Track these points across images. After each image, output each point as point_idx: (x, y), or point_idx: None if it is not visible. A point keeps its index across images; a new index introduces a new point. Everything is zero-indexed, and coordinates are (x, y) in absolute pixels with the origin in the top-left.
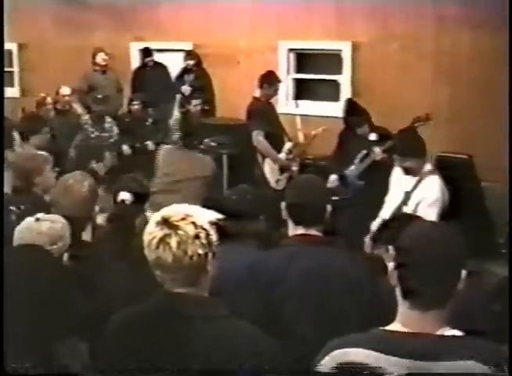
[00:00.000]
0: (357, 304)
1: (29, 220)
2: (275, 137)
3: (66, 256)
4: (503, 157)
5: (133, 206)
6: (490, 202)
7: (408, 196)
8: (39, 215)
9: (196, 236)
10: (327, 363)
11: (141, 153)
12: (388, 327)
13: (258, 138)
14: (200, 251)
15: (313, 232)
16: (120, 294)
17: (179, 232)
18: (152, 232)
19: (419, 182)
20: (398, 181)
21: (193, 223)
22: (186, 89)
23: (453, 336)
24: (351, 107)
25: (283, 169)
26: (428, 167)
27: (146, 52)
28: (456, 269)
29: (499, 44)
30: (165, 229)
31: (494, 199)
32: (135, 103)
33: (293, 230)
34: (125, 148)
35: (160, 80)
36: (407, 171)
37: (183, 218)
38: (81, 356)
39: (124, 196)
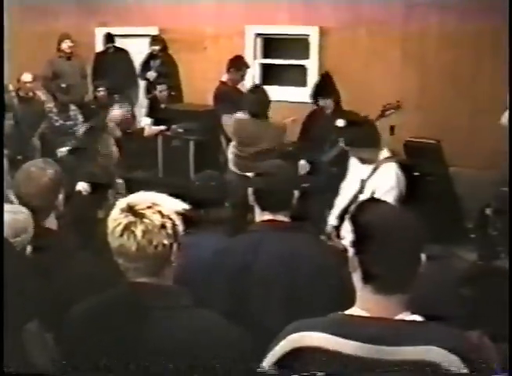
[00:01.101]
0: (325, 289)
1: None
2: None
3: (29, 248)
4: (474, 143)
5: (91, 197)
6: (459, 187)
7: (363, 184)
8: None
9: (162, 226)
10: (283, 347)
11: None
12: (347, 312)
13: (228, 121)
14: (165, 242)
15: (280, 217)
16: (83, 283)
17: (145, 220)
18: (116, 218)
19: (374, 170)
20: (355, 169)
21: (160, 212)
22: (152, 75)
23: (413, 321)
24: (323, 81)
25: None
26: (385, 154)
27: (108, 38)
28: (415, 252)
29: (467, 29)
30: (130, 216)
31: (463, 184)
32: (100, 89)
33: (260, 216)
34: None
35: (121, 65)
36: (363, 160)
37: (149, 207)
38: (46, 346)
39: (81, 186)
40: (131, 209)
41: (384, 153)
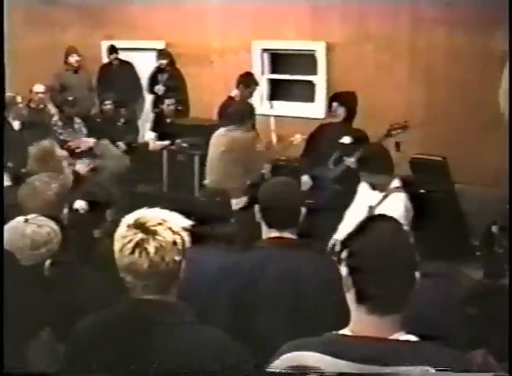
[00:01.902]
0: (330, 307)
1: (19, 219)
2: None
3: (48, 263)
4: (480, 160)
5: (88, 215)
6: (464, 204)
7: (371, 210)
8: (29, 216)
9: (174, 243)
10: (277, 366)
11: None
12: (341, 331)
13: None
14: (177, 258)
15: (287, 235)
16: (89, 298)
17: (158, 237)
18: (125, 236)
19: (384, 197)
20: (364, 195)
21: (170, 229)
22: (160, 89)
23: (408, 341)
24: (347, 93)
25: None
26: (395, 183)
27: (111, 50)
28: (409, 271)
29: (474, 44)
30: (141, 233)
31: (468, 201)
32: (107, 102)
33: (267, 233)
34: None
35: (126, 78)
36: (374, 186)
37: (160, 223)
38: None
39: (79, 204)
40: (141, 226)
41: (395, 182)
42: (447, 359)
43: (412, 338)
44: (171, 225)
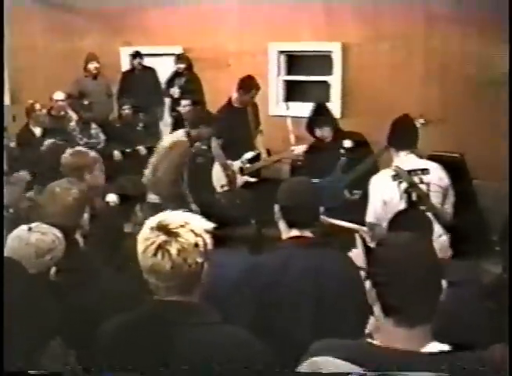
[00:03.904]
0: (352, 305)
1: (22, 228)
2: (239, 144)
3: (53, 270)
4: (497, 156)
5: (119, 208)
6: (482, 200)
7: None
8: (33, 225)
9: (196, 245)
10: (305, 369)
11: (132, 158)
12: (371, 341)
13: (213, 144)
14: (199, 260)
15: (307, 234)
16: (109, 301)
17: (180, 239)
18: (148, 238)
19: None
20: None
21: (192, 231)
22: (175, 91)
23: (440, 352)
24: (316, 111)
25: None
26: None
27: (136, 55)
28: (435, 280)
29: (488, 42)
30: (163, 235)
31: (486, 197)
32: (125, 107)
33: (287, 233)
34: (116, 153)
35: (148, 83)
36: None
37: (182, 226)
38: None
39: (110, 198)
40: (163, 228)
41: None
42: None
43: (445, 347)
44: (193, 227)
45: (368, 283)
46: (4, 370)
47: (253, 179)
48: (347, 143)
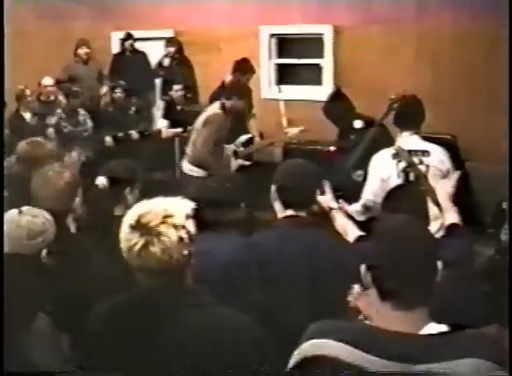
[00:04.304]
0: (346, 284)
1: (13, 211)
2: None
3: (44, 252)
4: (490, 138)
5: (109, 191)
6: (475, 182)
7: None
8: (23, 208)
9: (180, 239)
10: (303, 352)
11: (124, 142)
12: (374, 324)
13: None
14: (185, 252)
15: (303, 214)
16: (101, 285)
17: (162, 238)
18: (130, 239)
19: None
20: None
21: (174, 225)
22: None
23: (441, 334)
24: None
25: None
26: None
27: (127, 38)
28: (431, 262)
29: (480, 25)
30: (145, 235)
31: (479, 179)
32: (117, 90)
33: (282, 213)
34: (107, 139)
35: (139, 66)
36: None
37: (163, 222)
38: (58, 345)
39: (100, 181)
40: (144, 227)
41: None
42: (487, 348)
43: (444, 327)
44: (173, 220)
45: (363, 267)
46: (4, 371)
47: (247, 163)
48: (358, 124)
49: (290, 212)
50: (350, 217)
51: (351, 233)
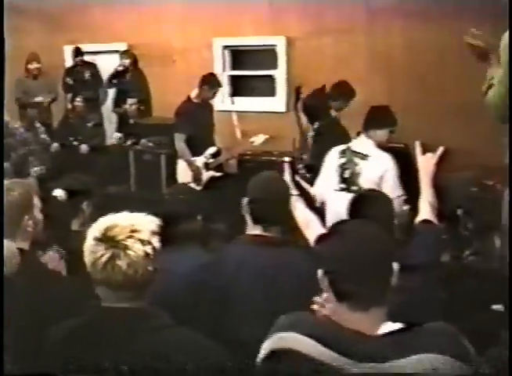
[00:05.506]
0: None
1: None
2: (202, 140)
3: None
4: (445, 144)
5: (67, 203)
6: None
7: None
8: None
9: (146, 254)
10: (269, 345)
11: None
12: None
13: (177, 141)
14: (150, 268)
15: (271, 233)
16: (57, 306)
17: (129, 252)
18: (96, 251)
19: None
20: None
21: (140, 240)
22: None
23: (399, 330)
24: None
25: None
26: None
27: (76, 52)
28: (386, 264)
29: (431, 34)
30: (111, 248)
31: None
32: (77, 99)
33: (251, 229)
34: (55, 145)
35: (90, 79)
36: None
37: (130, 236)
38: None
39: (57, 192)
40: (110, 240)
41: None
42: (446, 343)
43: (400, 326)
44: (140, 235)
45: (320, 271)
46: (4, 372)
47: (218, 174)
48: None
49: (257, 230)
50: (313, 208)
51: (313, 230)
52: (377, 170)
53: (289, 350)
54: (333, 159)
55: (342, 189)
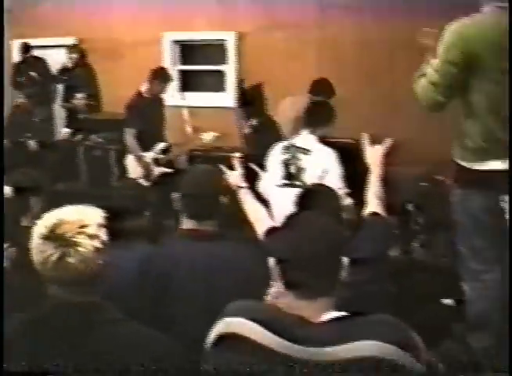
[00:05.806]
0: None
1: None
2: (152, 135)
3: None
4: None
5: (14, 200)
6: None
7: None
8: None
9: (96, 249)
10: (218, 329)
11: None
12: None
13: (127, 136)
14: (100, 261)
15: (205, 227)
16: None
17: (79, 248)
18: (44, 250)
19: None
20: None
21: (89, 236)
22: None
23: (343, 317)
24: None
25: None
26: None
27: (24, 48)
28: (335, 256)
29: (383, 30)
30: (61, 247)
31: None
32: (20, 96)
33: (186, 224)
34: (5, 142)
35: (39, 74)
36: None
37: (79, 232)
38: None
39: (4, 190)
40: (59, 238)
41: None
42: (387, 330)
43: (343, 313)
44: (88, 230)
45: (271, 261)
46: (4, 370)
47: (169, 170)
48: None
49: (191, 224)
50: (261, 200)
51: (263, 223)
52: (319, 164)
53: (235, 335)
54: (276, 154)
55: (286, 185)
